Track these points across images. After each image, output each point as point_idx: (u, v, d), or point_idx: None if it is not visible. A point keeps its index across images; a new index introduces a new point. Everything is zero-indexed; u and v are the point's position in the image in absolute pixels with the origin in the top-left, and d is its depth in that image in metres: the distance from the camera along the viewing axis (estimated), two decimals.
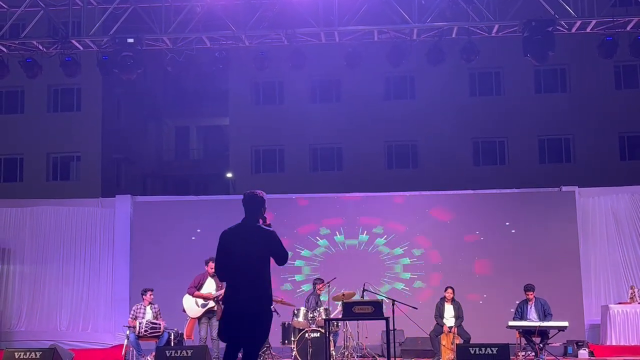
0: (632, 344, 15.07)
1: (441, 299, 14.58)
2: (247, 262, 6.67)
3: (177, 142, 38.10)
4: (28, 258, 17.58)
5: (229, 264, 6.76)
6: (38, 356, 11.54)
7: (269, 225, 6.95)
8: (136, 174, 33.03)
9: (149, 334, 13.41)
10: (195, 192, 33.13)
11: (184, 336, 13.37)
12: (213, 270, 13.02)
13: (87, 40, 14.84)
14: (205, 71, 17.50)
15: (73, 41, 14.77)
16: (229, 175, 31.40)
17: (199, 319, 12.92)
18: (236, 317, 6.65)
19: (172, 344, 13.35)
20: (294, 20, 14.52)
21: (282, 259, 6.80)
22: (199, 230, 17.02)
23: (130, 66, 14.42)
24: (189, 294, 12.97)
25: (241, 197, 7.02)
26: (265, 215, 6.96)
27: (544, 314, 13.69)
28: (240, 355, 6.73)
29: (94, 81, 26.72)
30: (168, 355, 11.43)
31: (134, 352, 13.54)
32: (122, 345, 14.05)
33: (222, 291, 12.88)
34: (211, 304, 12.85)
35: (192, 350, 11.53)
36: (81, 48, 15.02)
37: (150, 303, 13.83)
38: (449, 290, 14.53)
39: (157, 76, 33.00)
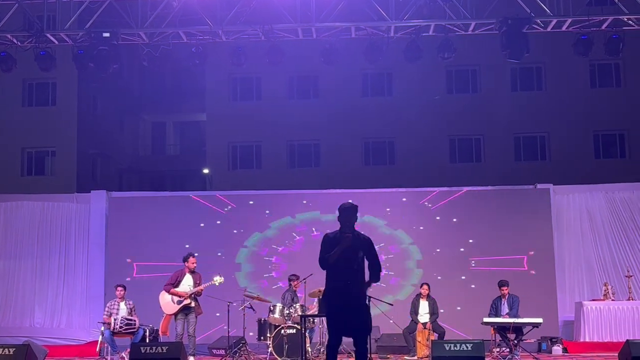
0: (605, 341, 15.20)
1: (417, 295, 14.67)
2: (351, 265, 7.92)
3: (154, 137, 37.81)
4: (2, 253, 17.41)
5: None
6: (11, 352, 11.41)
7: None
8: (112, 169, 32.81)
9: (124, 330, 13.35)
10: (172, 188, 32.97)
11: (159, 332, 13.32)
12: (194, 265, 13.01)
13: (62, 34, 14.71)
14: (182, 67, 17.41)
15: (48, 35, 14.64)
16: (206, 171, 31.28)
17: (175, 315, 12.86)
18: (346, 310, 7.82)
19: (148, 341, 13.30)
20: (271, 16, 14.49)
21: (379, 264, 8.13)
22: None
23: (106, 61, 14.32)
24: (165, 291, 12.91)
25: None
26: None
27: (510, 309, 13.84)
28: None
29: (70, 75, 26.43)
30: (143, 351, 11.36)
31: (109, 349, 13.48)
32: (97, 341, 13.98)
33: (199, 287, 12.87)
34: (187, 300, 12.79)
35: (167, 347, 11.47)
36: (56, 42, 14.89)
37: (123, 299, 13.76)
38: (425, 286, 14.63)
39: (134, 71, 32.79)
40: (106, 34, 14.18)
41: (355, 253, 7.96)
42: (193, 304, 12.86)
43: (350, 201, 8.29)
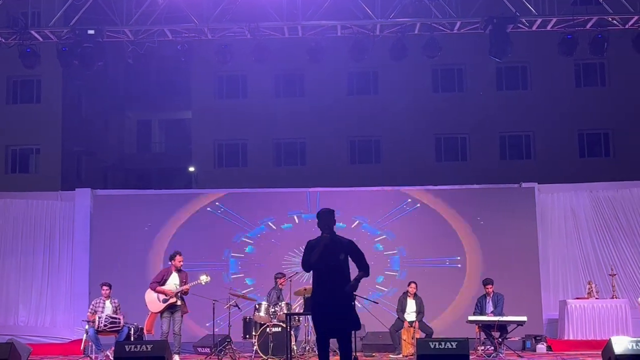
0: (589, 339, 15.27)
1: (404, 293, 14.69)
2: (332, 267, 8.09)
3: (139, 135, 37.66)
4: None
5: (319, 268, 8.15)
6: None
7: None
8: (97, 167, 32.67)
9: (108, 328, 13.29)
10: (157, 186, 32.86)
11: (144, 331, 13.27)
12: (180, 263, 12.96)
13: (47, 31, 14.64)
14: (168, 64, 17.35)
15: (32, 32, 14.56)
16: (192, 169, 31.20)
17: (161, 313, 12.82)
18: (331, 311, 8.01)
19: (132, 339, 13.26)
20: (257, 14, 14.49)
21: (365, 262, 8.26)
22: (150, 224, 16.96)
23: (91, 58, 14.27)
24: (151, 289, 12.87)
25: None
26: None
27: (494, 307, 13.90)
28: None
29: (54, 73, 26.30)
30: (127, 350, 11.31)
31: (93, 347, 13.42)
32: (81, 339, 13.92)
33: (186, 286, 12.82)
34: (173, 299, 12.75)
35: (151, 345, 11.43)
36: (41, 39, 14.81)
37: (108, 297, 13.71)
38: (412, 285, 14.63)
39: (119, 69, 32.64)
40: (91, 31, 14.13)
41: (335, 255, 8.15)
42: (179, 303, 12.82)
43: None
